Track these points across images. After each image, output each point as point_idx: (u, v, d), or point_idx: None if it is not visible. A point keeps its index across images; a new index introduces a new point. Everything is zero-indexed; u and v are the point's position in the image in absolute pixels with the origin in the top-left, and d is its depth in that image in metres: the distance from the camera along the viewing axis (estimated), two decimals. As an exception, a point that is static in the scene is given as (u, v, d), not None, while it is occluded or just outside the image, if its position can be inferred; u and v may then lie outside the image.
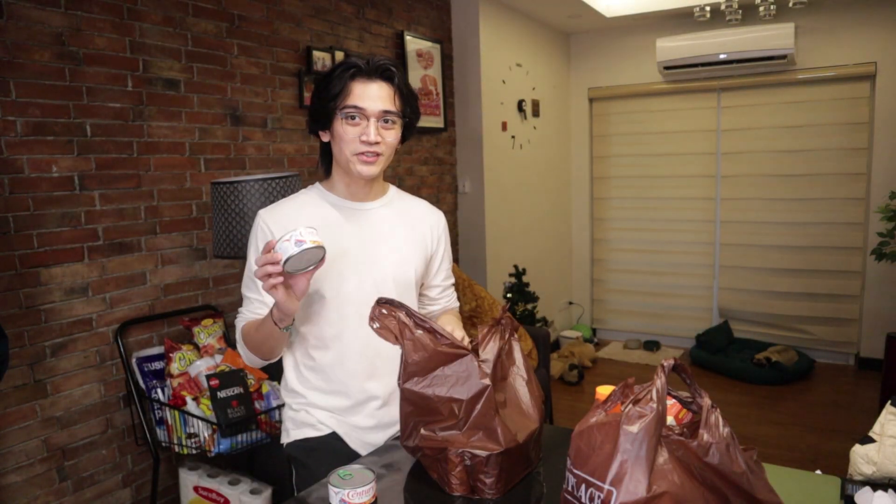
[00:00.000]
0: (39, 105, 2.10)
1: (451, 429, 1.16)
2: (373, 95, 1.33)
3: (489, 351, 1.20)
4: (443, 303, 1.60)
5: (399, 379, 1.20)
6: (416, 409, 1.19)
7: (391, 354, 1.43)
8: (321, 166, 1.48)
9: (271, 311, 1.26)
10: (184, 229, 2.57)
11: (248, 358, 1.42)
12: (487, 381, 1.15)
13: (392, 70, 1.35)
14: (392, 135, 1.37)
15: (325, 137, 1.40)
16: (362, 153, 1.34)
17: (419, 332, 1.17)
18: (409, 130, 1.42)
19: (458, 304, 1.66)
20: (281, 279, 1.18)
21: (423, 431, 1.18)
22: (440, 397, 1.16)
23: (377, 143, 1.33)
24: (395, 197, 1.52)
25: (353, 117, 1.33)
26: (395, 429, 1.48)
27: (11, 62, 2.02)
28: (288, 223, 1.38)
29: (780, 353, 4.40)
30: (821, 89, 4.46)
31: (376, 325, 1.19)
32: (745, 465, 0.88)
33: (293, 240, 1.15)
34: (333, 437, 1.43)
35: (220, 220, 2.25)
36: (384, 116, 1.34)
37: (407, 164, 3.82)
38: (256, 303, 1.41)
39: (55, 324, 2.17)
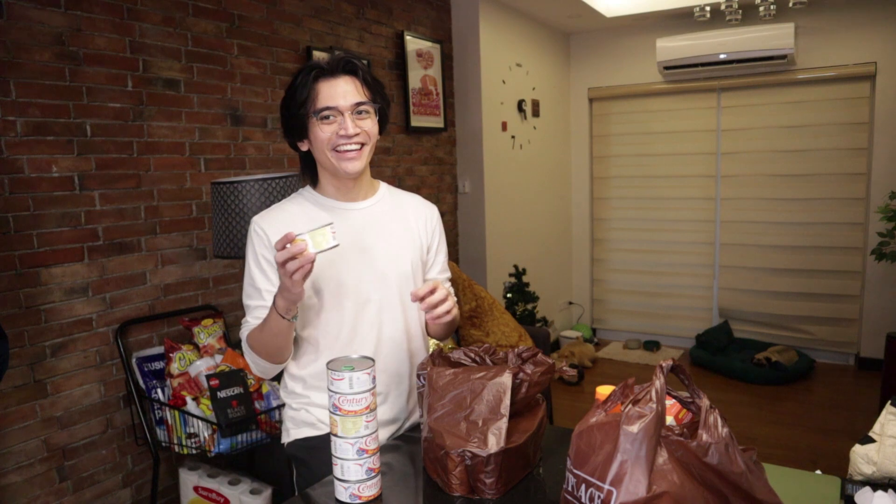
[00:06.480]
0: (39, 105, 2.10)
1: (455, 415, 1.17)
2: (341, 91, 1.33)
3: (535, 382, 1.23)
4: None
5: (431, 360, 1.26)
6: (431, 390, 1.22)
7: (391, 352, 1.45)
8: (306, 177, 1.47)
9: (275, 304, 1.25)
10: (184, 229, 2.57)
11: (258, 366, 1.40)
12: (507, 384, 1.17)
13: (354, 63, 1.36)
14: (369, 123, 1.37)
15: (304, 147, 1.41)
16: (344, 149, 1.34)
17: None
18: (384, 119, 1.43)
19: (454, 298, 1.65)
20: (310, 267, 1.18)
21: (430, 423, 1.19)
22: (462, 386, 1.19)
23: (357, 133, 1.34)
24: (387, 194, 1.52)
25: (327, 117, 1.33)
26: (395, 426, 1.48)
27: (11, 62, 2.02)
28: (283, 227, 1.38)
29: (780, 353, 4.40)
30: (821, 89, 4.46)
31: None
32: (745, 465, 0.88)
33: (329, 234, 1.17)
34: None
35: (220, 220, 2.25)
36: (357, 108, 1.34)
37: (407, 164, 3.82)
38: (260, 310, 1.39)
39: (55, 324, 2.17)
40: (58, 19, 2.13)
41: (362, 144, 1.36)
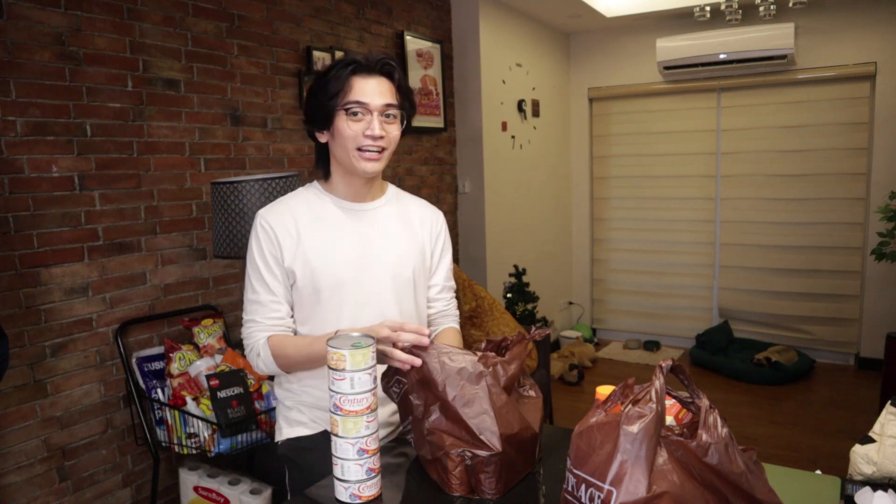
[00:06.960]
0: (39, 105, 2.10)
1: (447, 409, 1.16)
2: (374, 90, 1.33)
3: (509, 359, 1.22)
4: (440, 305, 1.57)
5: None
6: (419, 386, 1.20)
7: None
8: (319, 169, 1.46)
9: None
10: (184, 229, 2.57)
11: (271, 370, 1.39)
12: (488, 377, 1.16)
13: (391, 65, 1.37)
14: (394, 129, 1.38)
15: (324, 138, 1.40)
16: (367, 149, 1.34)
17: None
18: (408, 125, 1.43)
19: (457, 312, 1.61)
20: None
21: (428, 424, 1.18)
22: (460, 386, 1.17)
23: (382, 136, 1.34)
24: (395, 196, 1.52)
25: (355, 113, 1.33)
26: (391, 427, 1.48)
27: (11, 62, 2.02)
28: (289, 220, 1.38)
29: (780, 353, 4.40)
30: (821, 89, 4.46)
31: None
32: (745, 465, 0.88)
33: (370, 355, 1.13)
34: (327, 436, 1.42)
35: (220, 220, 2.25)
36: (386, 111, 1.35)
37: (407, 164, 3.82)
38: (271, 305, 1.38)
39: (55, 324, 2.17)
40: (58, 19, 2.13)
41: (383, 149, 1.37)
